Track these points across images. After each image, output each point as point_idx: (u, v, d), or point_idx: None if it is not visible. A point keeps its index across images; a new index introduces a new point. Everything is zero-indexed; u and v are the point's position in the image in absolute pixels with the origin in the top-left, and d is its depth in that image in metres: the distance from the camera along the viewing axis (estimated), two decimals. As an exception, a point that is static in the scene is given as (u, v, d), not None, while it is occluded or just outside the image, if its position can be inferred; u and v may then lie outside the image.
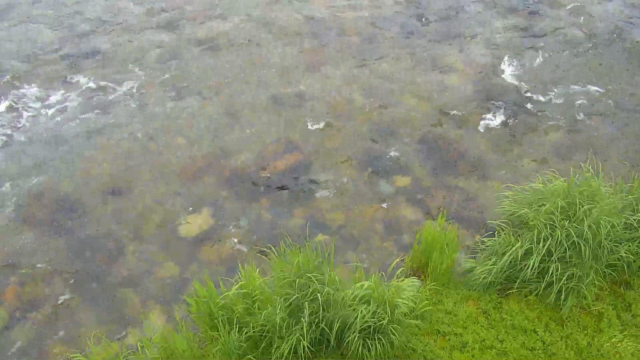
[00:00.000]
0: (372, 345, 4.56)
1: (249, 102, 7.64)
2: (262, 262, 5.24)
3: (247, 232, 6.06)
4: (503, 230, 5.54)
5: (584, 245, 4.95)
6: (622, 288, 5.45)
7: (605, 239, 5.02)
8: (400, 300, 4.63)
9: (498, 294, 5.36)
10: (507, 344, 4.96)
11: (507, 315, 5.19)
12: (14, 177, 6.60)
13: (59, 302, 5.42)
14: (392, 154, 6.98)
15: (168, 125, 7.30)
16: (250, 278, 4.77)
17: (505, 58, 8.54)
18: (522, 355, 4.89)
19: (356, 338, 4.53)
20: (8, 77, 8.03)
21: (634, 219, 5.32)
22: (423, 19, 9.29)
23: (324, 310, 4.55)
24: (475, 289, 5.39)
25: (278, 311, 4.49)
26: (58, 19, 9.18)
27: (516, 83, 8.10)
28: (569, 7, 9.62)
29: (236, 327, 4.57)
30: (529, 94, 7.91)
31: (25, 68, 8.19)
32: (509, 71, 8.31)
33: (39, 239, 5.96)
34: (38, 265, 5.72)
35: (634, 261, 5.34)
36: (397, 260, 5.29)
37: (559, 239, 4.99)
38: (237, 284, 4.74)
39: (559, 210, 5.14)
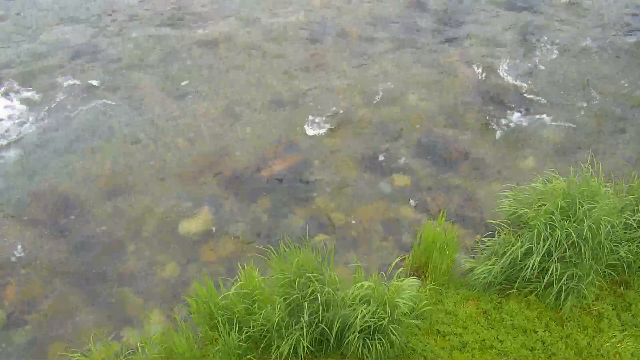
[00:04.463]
0: (372, 345, 4.55)
1: (250, 102, 7.65)
2: (262, 262, 5.23)
3: (247, 232, 6.06)
4: (503, 230, 5.54)
5: (583, 245, 4.95)
6: (622, 288, 5.45)
7: (605, 239, 5.01)
8: (400, 300, 4.63)
9: (498, 294, 5.36)
10: (507, 344, 4.96)
11: (507, 315, 5.18)
12: (14, 176, 6.61)
13: (59, 301, 5.42)
14: (392, 153, 6.98)
15: (168, 125, 7.30)
16: (250, 278, 4.77)
17: (506, 58, 8.54)
18: (522, 355, 4.89)
19: (356, 338, 4.53)
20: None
21: (634, 219, 5.32)
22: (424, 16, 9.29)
23: (323, 310, 4.55)
24: (475, 289, 5.39)
25: (278, 311, 4.49)
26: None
27: (516, 83, 8.09)
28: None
29: (236, 327, 4.57)
30: (529, 95, 7.91)
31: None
32: (509, 71, 8.30)
33: (39, 238, 5.96)
34: (38, 265, 5.72)
35: (634, 261, 5.34)
36: (397, 260, 5.29)
37: (559, 239, 4.99)
38: (237, 283, 4.74)
39: (558, 210, 5.13)
